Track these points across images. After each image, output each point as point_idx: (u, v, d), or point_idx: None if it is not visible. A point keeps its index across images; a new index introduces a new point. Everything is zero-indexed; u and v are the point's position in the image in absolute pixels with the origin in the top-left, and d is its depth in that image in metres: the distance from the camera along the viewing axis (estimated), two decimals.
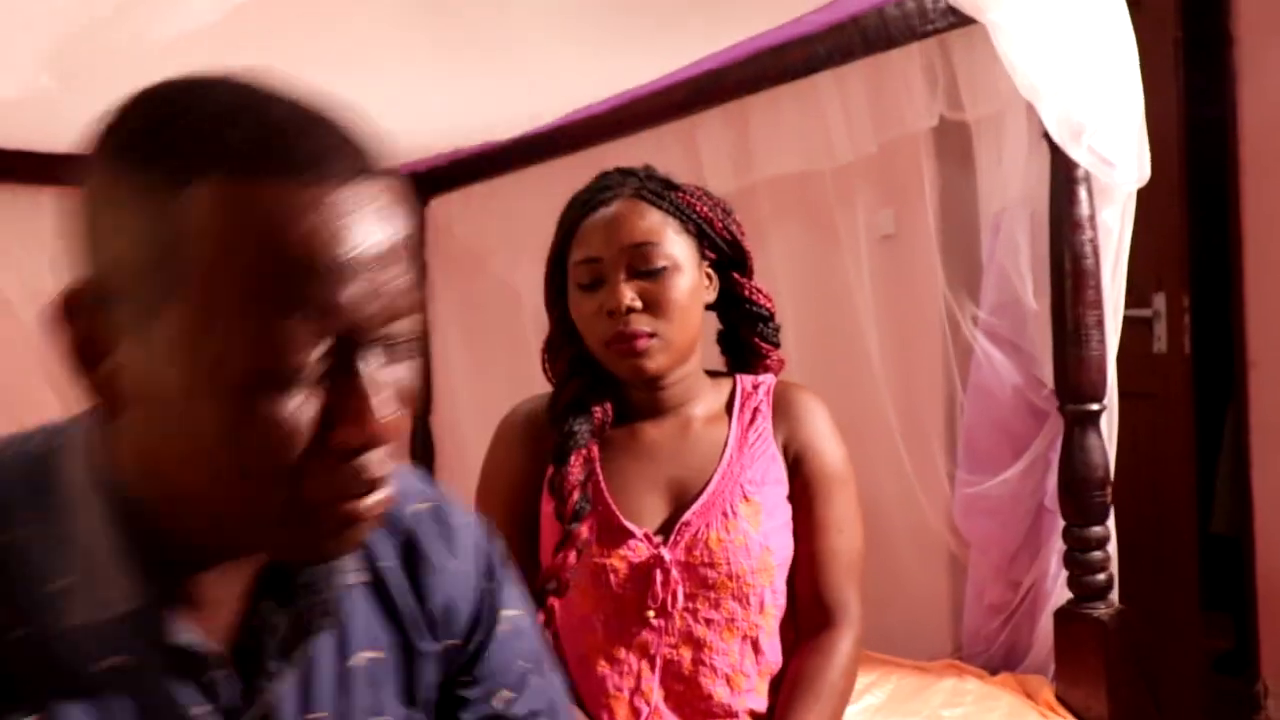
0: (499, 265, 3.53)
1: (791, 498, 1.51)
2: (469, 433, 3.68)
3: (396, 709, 0.85)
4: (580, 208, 1.49)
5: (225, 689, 0.76)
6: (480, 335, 3.69)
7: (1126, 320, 2.58)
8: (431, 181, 3.69)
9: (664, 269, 1.43)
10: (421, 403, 3.84)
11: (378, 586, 0.84)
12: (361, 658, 0.83)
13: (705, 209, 1.48)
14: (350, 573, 0.81)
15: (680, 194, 1.48)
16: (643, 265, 1.43)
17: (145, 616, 0.72)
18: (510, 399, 1.64)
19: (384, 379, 0.68)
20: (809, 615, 1.49)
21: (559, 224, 1.52)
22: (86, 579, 0.71)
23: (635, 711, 1.45)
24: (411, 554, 0.87)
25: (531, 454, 1.53)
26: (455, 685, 0.90)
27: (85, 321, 0.67)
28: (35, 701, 0.70)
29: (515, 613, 0.93)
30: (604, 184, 1.50)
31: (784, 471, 1.51)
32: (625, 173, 1.52)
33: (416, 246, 0.71)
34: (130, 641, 0.72)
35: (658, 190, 1.47)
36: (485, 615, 0.91)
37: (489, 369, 3.62)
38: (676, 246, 1.45)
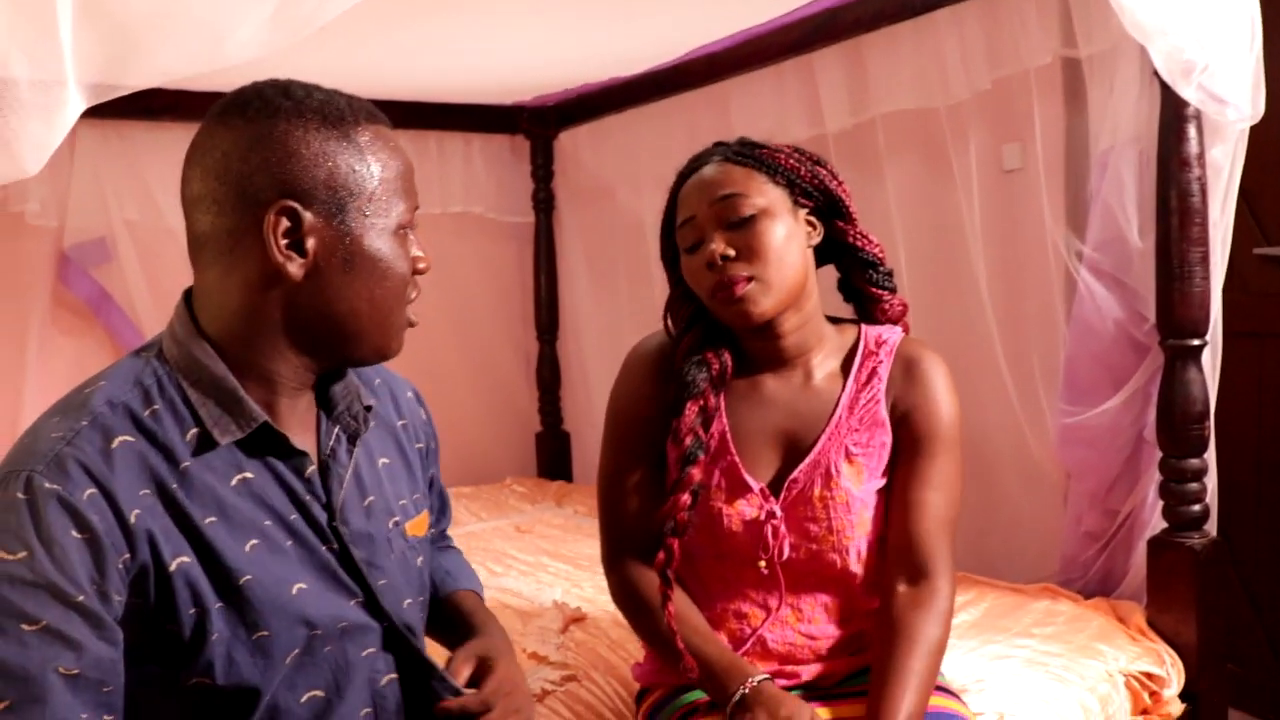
0: (624, 196, 3.65)
1: (895, 452, 1.56)
2: (593, 358, 3.84)
3: (410, 493, 1.31)
4: (680, 180, 1.60)
5: (318, 484, 1.15)
6: (605, 263, 3.83)
7: (1265, 259, 2.58)
8: (560, 115, 3.83)
9: (753, 217, 1.50)
10: (547, 328, 4.01)
11: (380, 412, 1.31)
12: (382, 462, 1.27)
13: (791, 160, 1.55)
14: (365, 398, 1.24)
15: (765, 150, 1.56)
16: (732, 215, 1.50)
17: (268, 430, 1.10)
18: (633, 324, 1.73)
19: None
20: (900, 561, 1.51)
21: (668, 198, 1.62)
22: (222, 412, 1.08)
23: (742, 630, 1.58)
24: (385, 391, 1.35)
25: (658, 387, 1.61)
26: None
27: (287, 218, 1.06)
28: (189, 534, 1.04)
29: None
30: (698, 156, 1.60)
31: (890, 434, 1.57)
32: (719, 145, 1.61)
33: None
34: (255, 457, 1.10)
35: (743, 151, 1.56)
36: (430, 429, 1.42)
37: (613, 296, 3.76)
38: (765, 196, 1.51)
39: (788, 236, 1.52)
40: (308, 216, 1.06)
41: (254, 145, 1.06)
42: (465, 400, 3.87)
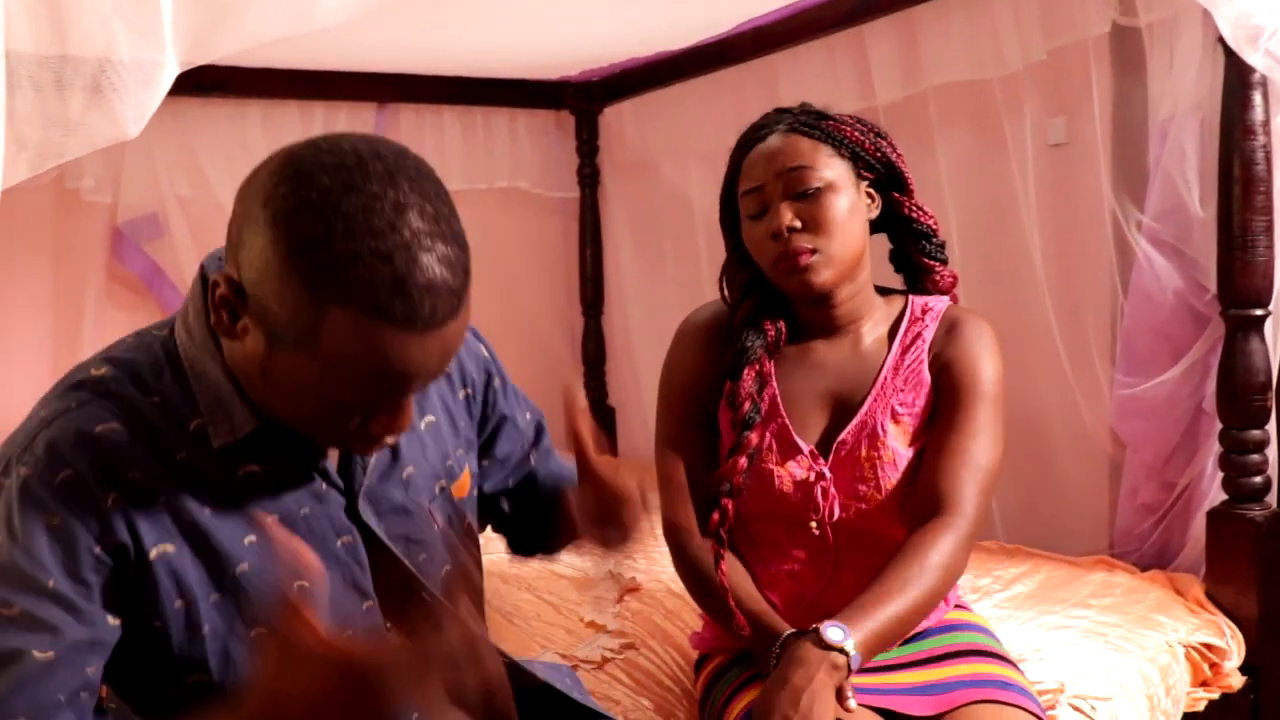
0: (669, 171, 3.64)
1: (934, 407, 1.57)
2: (638, 333, 3.84)
3: (455, 450, 1.23)
4: (743, 146, 1.61)
5: (334, 474, 1.08)
6: (650, 238, 3.83)
7: None
8: (605, 90, 3.82)
9: (819, 189, 1.52)
10: (593, 303, 4.02)
11: None
12: (427, 421, 1.20)
13: (856, 133, 1.56)
14: None
15: (831, 122, 1.56)
16: (800, 188, 1.52)
17: (268, 432, 1.02)
18: (678, 299, 1.74)
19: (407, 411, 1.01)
20: (922, 505, 1.50)
21: (729, 162, 1.63)
22: (218, 412, 1.01)
23: (795, 593, 1.60)
24: None
25: (711, 356, 1.64)
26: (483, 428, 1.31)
27: (230, 293, 0.94)
28: (180, 524, 0.99)
29: (507, 380, 1.34)
30: (763, 123, 1.61)
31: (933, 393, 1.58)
32: (782, 111, 1.62)
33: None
34: (259, 453, 1.03)
35: (809, 121, 1.57)
36: (490, 369, 1.31)
37: (658, 271, 3.76)
38: (830, 169, 1.53)
39: (851, 209, 1.54)
40: (241, 312, 0.95)
41: (260, 210, 0.92)
42: (510, 375, 3.88)
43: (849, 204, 1.54)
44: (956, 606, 1.70)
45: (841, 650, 1.32)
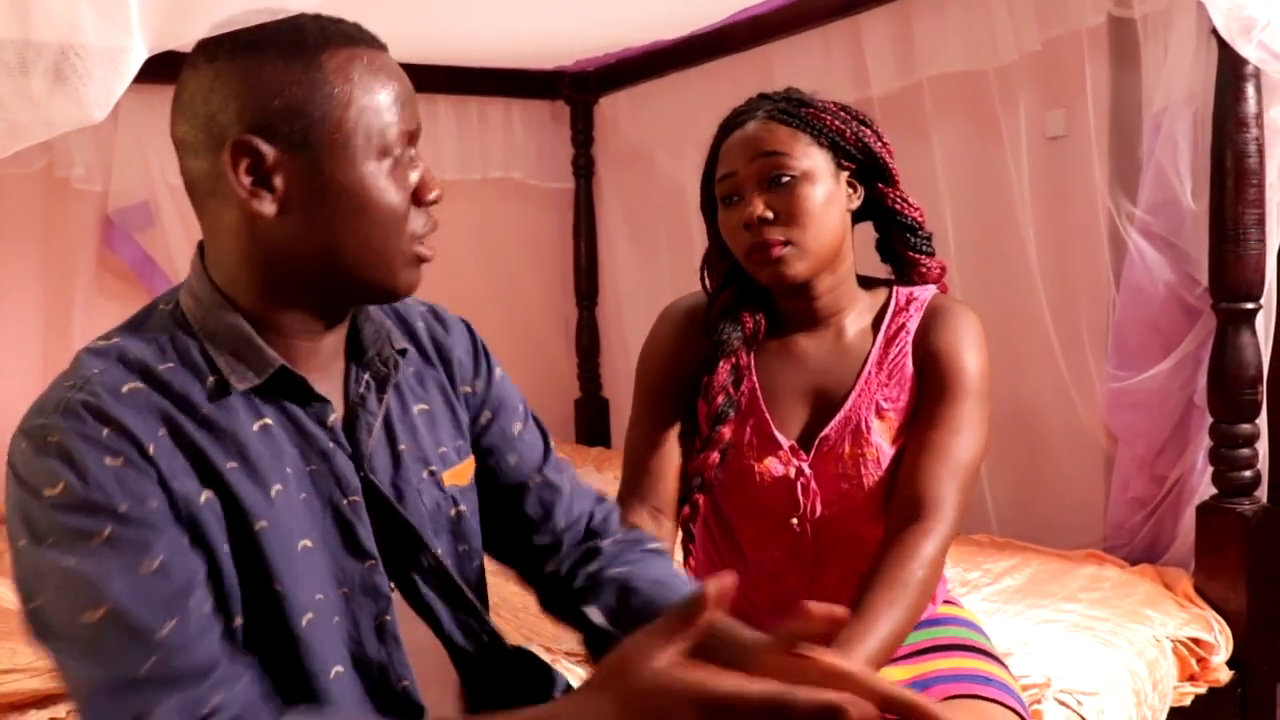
0: (664, 161, 3.64)
1: (917, 399, 1.53)
2: (632, 324, 3.84)
3: (452, 440, 1.23)
4: (723, 130, 1.57)
5: (341, 433, 1.10)
6: (645, 229, 3.82)
7: None
8: (600, 80, 3.81)
9: (794, 179, 1.48)
10: (587, 294, 4.02)
11: (415, 356, 1.22)
12: (419, 409, 1.21)
13: (836, 122, 1.51)
14: (397, 341, 1.17)
15: (811, 110, 1.52)
16: (772, 173, 1.48)
17: (286, 375, 1.06)
18: (673, 290, 1.71)
19: None
20: (901, 507, 1.44)
21: (710, 148, 1.59)
22: (238, 361, 1.04)
23: (777, 594, 1.58)
24: (426, 332, 1.25)
25: (687, 348, 1.60)
26: (478, 428, 1.28)
27: (246, 148, 0.99)
28: (208, 477, 1.01)
29: (501, 371, 1.32)
30: (744, 108, 1.57)
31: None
32: (764, 97, 1.58)
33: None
34: (275, 404, 1.06)
35: (789, 109, 1.52)
36: (483, 366, 1.29)
37: (653, 262, 3.75)
38: (808, 158, 1.49)
39: (827, 200, 1.50)
40: (269, 151, 1.00)
41: (215, 82, 1.00)
42: (504, 366, 3.87)
43: (825, 195, 1.49)
44: (945, 602, 1.68)
45: None
